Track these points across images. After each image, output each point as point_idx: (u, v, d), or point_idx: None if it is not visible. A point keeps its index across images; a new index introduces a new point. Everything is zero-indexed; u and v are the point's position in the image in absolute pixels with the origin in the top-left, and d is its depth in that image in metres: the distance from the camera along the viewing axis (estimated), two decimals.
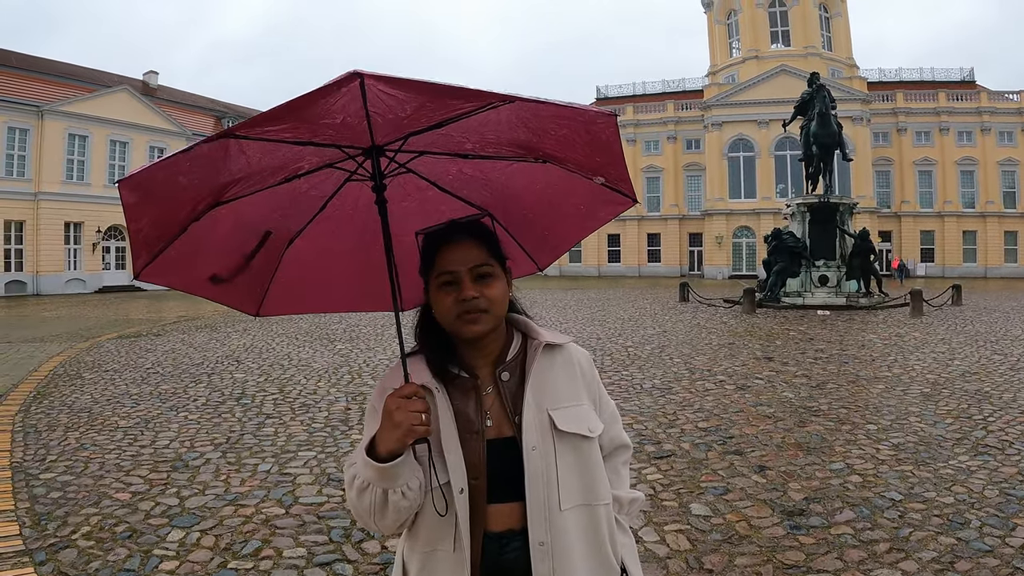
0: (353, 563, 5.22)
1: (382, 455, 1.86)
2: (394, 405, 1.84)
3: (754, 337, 19.20)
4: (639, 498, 2.35)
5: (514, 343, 2.17)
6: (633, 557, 2.23)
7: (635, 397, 11.14)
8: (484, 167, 2.22)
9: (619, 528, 2.20)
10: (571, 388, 2.14)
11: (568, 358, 2.18)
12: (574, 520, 2.02)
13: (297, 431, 9.04)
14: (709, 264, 71.38)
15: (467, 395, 2.06)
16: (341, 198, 2.22)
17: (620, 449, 2.35)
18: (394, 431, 1.83)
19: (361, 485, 1.91)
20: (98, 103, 50.61)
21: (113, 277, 51.57)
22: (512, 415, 2.04)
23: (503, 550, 1.98)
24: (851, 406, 10.44)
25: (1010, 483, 6.88)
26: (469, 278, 2.00)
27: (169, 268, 2.04)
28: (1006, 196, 69.77)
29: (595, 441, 2.13)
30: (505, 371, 2.11)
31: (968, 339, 18.36)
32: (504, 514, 1.99)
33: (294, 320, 23.97)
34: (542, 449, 2.00)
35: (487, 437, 2.02)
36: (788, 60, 69.25)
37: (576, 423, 2.07)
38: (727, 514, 6.18)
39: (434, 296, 2.05)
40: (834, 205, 32.31)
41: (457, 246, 2.02)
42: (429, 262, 2.05)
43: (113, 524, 5.93)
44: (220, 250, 2.14)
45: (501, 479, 1.99)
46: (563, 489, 2.00)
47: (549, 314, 26.63)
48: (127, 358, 15.69)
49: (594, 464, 2.11)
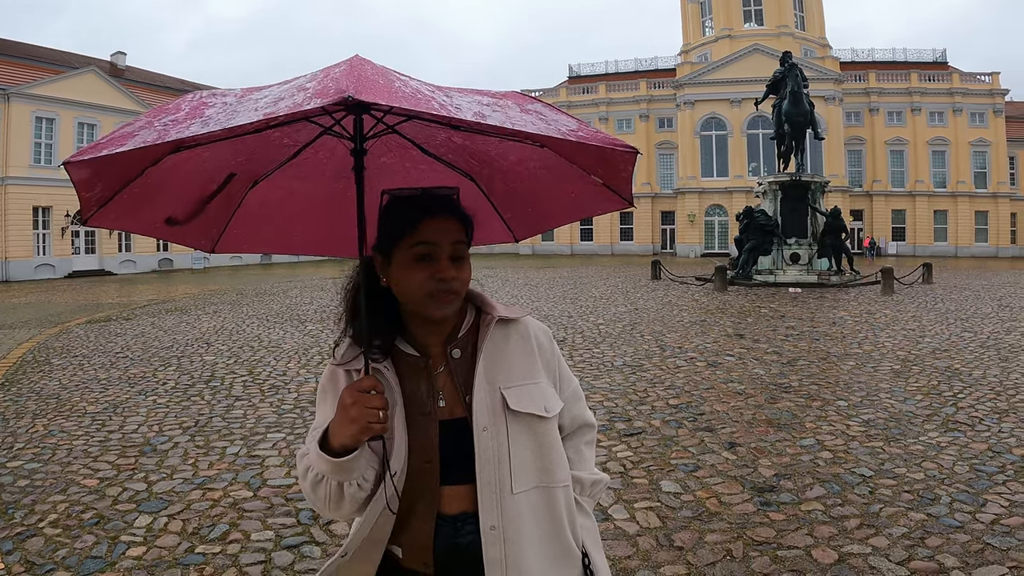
0: (321, 545, 5.20)
1: (336, 449, 1.79)
2: (351, 400, 1.75)
3: (725, 314, 19.28)
4: (602, 480, 2.27)
5: (467, 318, 2.08)
6: (595, 540, 2.16)
7: (606, 374, 11.16)
8: (476, 139, 2.11)
9: (580, 511, 2.13)
10: (527, 365, 2.05)
11: (524, 333, 2.10)
12: (529, 503, 1.94)
13: (266, 413, 9.00)
14: (681, 242, 71.48)
15: (418, 375, 1.99)
16: (315, 147, 2.12)
17: (583, 428, 2.26)
18: (349, 426, 1.74)
19: (315, 478, 1.84)
20: (65, 85, 49.79)
21: (83, 262, 50.89)
22: (463, 394, 1.97)
23: (457, 533, 1.91)
24: (822, 383, 10.50)
25: (980, 459, 6.94)
26: (448, 255, 1.91)
27: (122, 211, 1.96)
28: (977, 176, 70.30)
29: (552, 421, 2.05)
30: (456, 348, 2.02)
31: (938, 317, 18.52)
32: (458, 496, 1.92)
33: (265, 301, 23.88)
34: (493, 430, 1.93)
35: (439, 418, 1.95)
36: (761, 39, 69.23)
37: (531, 402, 1.99)
38: (697, 491, 6.20)
39: (403, 267, 1.91)
40: (806, 184, 32.44)
41: (439, 218, 1.92)
42: (402, 229, 1.91)
43: (80, 511, 5.87)
44: (178, 192, 2.04)
45: (455, 461, 1.92)
46: (516, 471, 1.93)
47: (521, 292, 26.64)
48: (96, 343, 15.55)
49: (550, 444, 2.03)
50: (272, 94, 1.60)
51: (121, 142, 1.56)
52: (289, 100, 1.49)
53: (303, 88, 1.54)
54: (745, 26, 72.47)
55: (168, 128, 1.57)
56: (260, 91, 1.68)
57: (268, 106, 1.51)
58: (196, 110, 1.63)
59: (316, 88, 1.49)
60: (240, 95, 1.69)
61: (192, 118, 1.58)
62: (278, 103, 1.51)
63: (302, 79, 1.64)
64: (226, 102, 1.65)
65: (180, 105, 1.69)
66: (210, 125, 1.52)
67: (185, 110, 1.65)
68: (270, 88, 1.67)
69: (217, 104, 1.65)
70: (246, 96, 1.67)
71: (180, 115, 1.62)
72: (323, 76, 1.58)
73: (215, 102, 1.67)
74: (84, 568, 4.85)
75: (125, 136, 1.58)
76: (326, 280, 36.05)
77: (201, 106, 1.65)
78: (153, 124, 1.61)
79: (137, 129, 1.60)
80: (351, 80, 1.46)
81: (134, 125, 1.63)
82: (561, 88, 79.72)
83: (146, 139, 1.54)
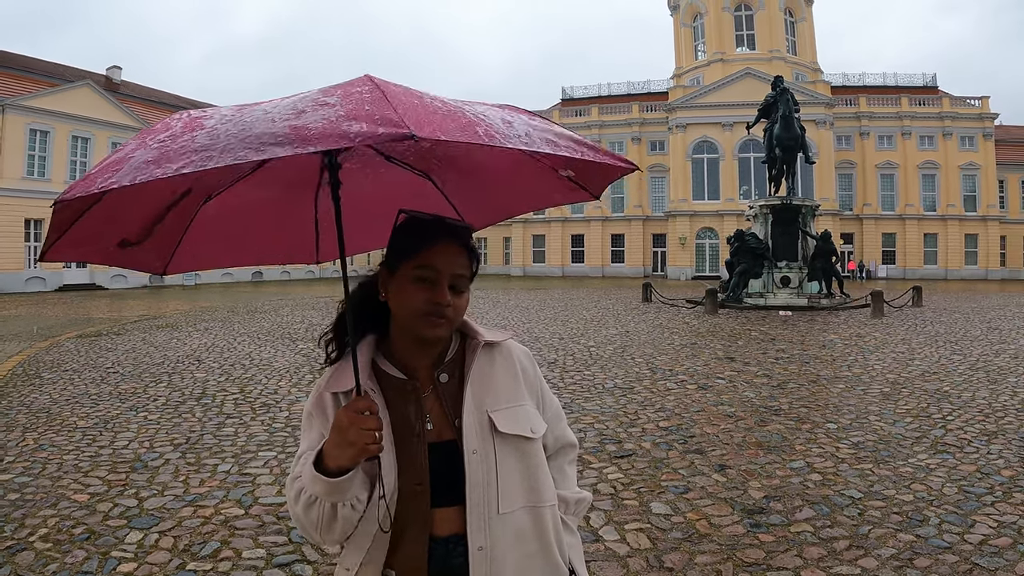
0: (312, 564, 5.18)
1: (331, 470, 1.80)
2: (347, 421, 1.76)
3: (716, 337, 19.29)
4: (586, 498, 2.30)
5: (453, 343, 2.12)
6: (579, 557, 2.19)
7: (597, 396, 11.15)
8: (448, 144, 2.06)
9: (565, 529, 2.16)
10: (512, 388, 2.09)
11: (508, 356, 2.14)
12: (516, 523, 1.97)
13: (258, 431, 8.97)
14: (672, 265, 71.68)
15: (406, 398, 2.01)
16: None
17: (566, 448, 2.30)
18: (347, 449, 1.76)
19: (308, 500, 1.85)
20: (60, 98, 49.76)
21: (74, 275, 50.71)
22: (452, 418, 2.00)
23: (449, 555, 1.93)
24: (811, 405, 10.52)
25: (968, 481, 6.96)
26: (448, 283, 1.94)
27: (80, 241, 1.88)
28: (966, 200, 70.85)
29: (538, 442, 2.09)
30: (444, 372, 2.05)
31: (928, 339, 18.57)
32: (448, 518, 1.94)
33: (256, 319, 23.84)
34: (482, 452, 1.96)
35: (428, 441, 1.97)
36: (753, 63, 69.74)
37: (517, 424, 2.03)
38: (687, 512, 6.20)
39: (403, 284, 1.95)
40: (797, 207, 32.57)
41: (448, 247, 1.96)
42: (410, 250, 1.95)
43: (71, 526, 5.84)
44: (132, 213, 1.97)
45: (444, 483, 1.95)
46: (503, 493, 1.96)
47: (512, 314, 26.62)
48: (87, 357, 15.50)
49: (537, 465, 2.06)
50: (282, 106, 1.52)
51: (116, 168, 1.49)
52: (314, 115, 1.43)
53: (323, 104, 1.47)
54: (737, 50, 73.11)
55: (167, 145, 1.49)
56: (259, 105, 1.61)
57: (290, 117, 1.44)
58: (192, 123, 1.56)
59: (348, 109, 1.43)
60: (237, 108, 1.62)
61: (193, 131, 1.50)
62: (300, 116, 1.44)
63: (310, 93, 1.58)
64: (224, 115, 1.58)
65: (169, 123, 1.64)
66: (219, 138, 1.44)
67: (177, 127, 1.58)
68: (269, 102, 1.61)
69: (216, 116, 1.58)
70: (245, 109, 1.60)
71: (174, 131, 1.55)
72: (342, 94, 1.52)
73: (210, 115, 1.60)
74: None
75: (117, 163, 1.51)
76: (318, 299, 36.05)
77: (196, 120, 1.58)
78: (146, 143, 1.54)
79: (130, 152, 1.53)
80: (392, 109, 1.43)
81: (126, 148, 1.57)
82: (554, 111, 79.98)
83: (146, 159, 1.47)
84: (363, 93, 1.51)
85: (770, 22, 72.04)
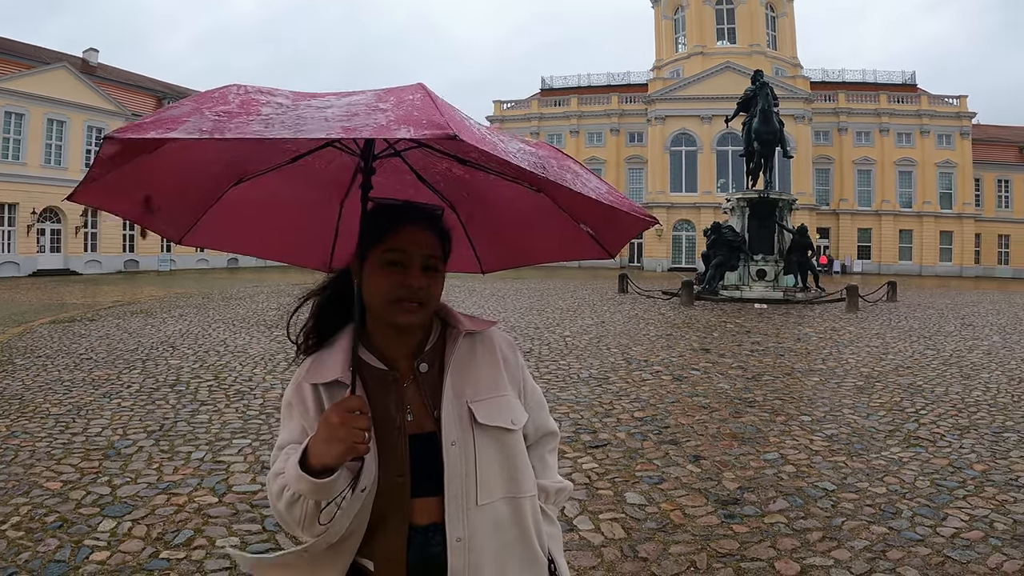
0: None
1: (316, 468, 1.76)
2: (338, 419, 1.72)
3: (691, 329, 19.34)
4: (566, 488, 2.28)
5: (433, 331, 2.08)
6: (558, 547, 2.18)
7: (572, 386, 11.16)
8: (477, 175, 2.09)
9: (545, 518, 2.14)
10: (493, 377, 2.06)
11: (489, 345, 2.11)
12: (495, 514, 1.95)
13: (232, 418, 8.92)
14: (649, 256, 71.69)
15: (386, 389, 1.97)
16: (315, 155, 2.07)
17: (546, 437, 2.28)
18: (335, 446, 1.72)
19: (291, 497, 1.80)
20: (36, 80, 49.01)
21: (48, 260, 50.15)
22: (431, 409, 1.97)
23: (428, 544, 1.90)
24: (786, 398, 10.57)
25: (941, 474, 7.01)
26: (419, 266, 1.92)
27: (106, 191, 1.81)
28: (942, 197, 71.31)
29: (519, 433, 2.07)
30: (423, 362, 2.02)
31: (902, 334, 18.69)
32: (427, 508, 1.91)
33: (231, 306, 23.73)
34: (461, 444, 1.93)
35: (409, 432, 1.94)
36: (733, 57, 69.90)
37: (498, 415, 2.00)
38: (662, 503, 6.22)
39: (373, 271, 1.92)
40: (774, 201, 32.71)
41: (415, 228, 1.94)
42: (377, 235, 1.92)
43: (44, 514, 5.77)
44: (164, 178, 1.92)
45: (424, 474, 1.91)
46: (482, 484, 1.93)
47: (488, 303, 26.56)
48: (60, 343, 15.33)
49: (517, 455, 2.04)
50: (338, 106, 1.53)
51: (171, 126, 1.44)
52: (367, 119, 1.44)
53: (377, 108, 1.49)
54: (718, 44, 73.28)
55: (223, 121, 1.46)
56: (315, 98, 1.60)
57: (343, 119, 1.45)
58: (249, 106, 1.53)
59: (399, 115, 1.45)
60: (294, 98, 1.60)
61: (248, 115, 1.49)
62: (352, 118, 1.45)
63: (365, 96, 1.59)
64: (280, 104, 1.56)
65: (226, 96, 1.58)
66: (273, 127, 1.44)
67: (235, 103, 1.54)
68: (324, 98, 1.60)
69: (272, 104, 1.56)
70: (300, 101, 1.58)
71: (232, 108, 1.52)
72: (395, 100, 1.53)
73: (267, 100, 1.57)
74: (48, 572, 4.78)
75: (173, 120, 1.46)
76: (293, 286, 35.84)
77: (253, 102, 1.55)
78: (203, 112, 1.49)
79: (186, 115, 1.48)
80: (439, 113, 1.44)
81: (180, 109, 1.51)
82: (533, 100, 79.96)
83: (201, 127, 1.44)
84: (414, 101, 1.52)
85: (751, 16, 72.24)
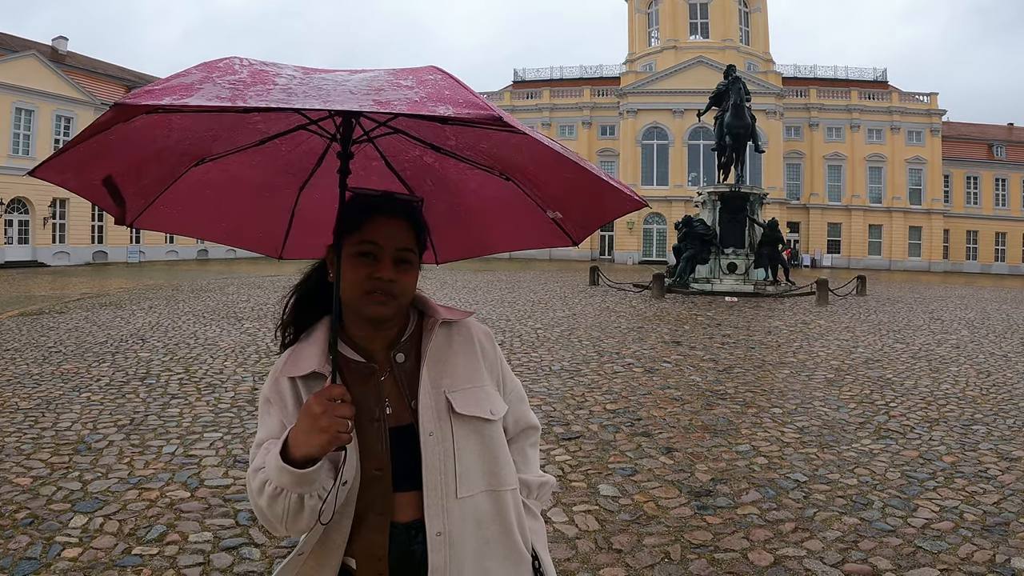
0: (260, 547, 5.09)
1: (298, 460, 1.71)
2: (320, 408, 1.67)
3: (663, 321, 19.39)
4: (549, 481, 2.24)
5: (410, 322, 2.05)
6: (542, 542, 2.14)
7: (544, 379, 11.15)
8: (447, 162, 2.08)
9: (528, 513, 2.10)
10: (471, 368, 2.03)
11: (467, 336, 2.08)
12: (476, 508, 1.91)
13: (203, 412, 8.82)
14: (620, 249, 71.92)
15: (364, 381, 1.93)
16: (284, 138, 2.01)
17: (527, 431, 2.24)
18: (318, 436, 1.67)
19: (274, 492, 1.74)
20: (3, 68, 48.09)
21: (15, 252, 49.40)
22: (408, 399, 1.93)
23: (411, 541, 1.86)
24: (757, 390, 10.61)
25: (911, 466, 7.06)
26: (391, 258, 1.87)
27: (67, 166, 1.74)
28: (912, 193, 72.03)
29: (498, 424, 2.03)
30: (400, 352, 1.98)
31: (871, 328, 18.83)
32: (410, 503, 1.87)
33: (201, 298, 23.55)
34: (439, 434, 1.89)
35: (388, 425, 1.90)
36: (706, 52, 70.13)
37: (476, 406, 1.96)
38: (635, 495, 6.21)
39: (346, 262, 1.87)
40: (745, 195, 32.85)
41: (391, 221, 1.89)
42: (352, 225, 1.87)
43: (13, 510, 5.67)
44: (129, 153, 1.83)
45: (405, 468, 1.87)
46: (461, 476, 1.89)
47: (460, 295, 26.50)
48: (28, 336, 15.10)
49: (497, 448, 2.00)
50: (355, 80, 1.49)
51: (185, 93, 1.37)
52: (396, 93, 1.41)
53: (400, 85, 1.45)
54: (691, 38, 73.51)
55: (240, 90, 1.39)
56: (325, 72, 1.57)
57: (371, 92, 1.40)
58: (260, 76, 1.47)
59: (428, 92, 1.41)
60: (303, 71, 1.56)
61: (264, 83, 1.43)
62: (379, 92, 1.40)
63: (378, 73, 1.56)
64: (292, 75, 1.51)
65: (232, 66, 1.51)
66: (297, 97, 1.38)
67: (244, 73, 1.48)
68: (335, 73, 1.57)
69: (284, 75, 1.50)
70: (312, 74, 1.54)
71: (243, 77, 1.45)
72: (416, 79, 1.50)
73: (277, 72, 1.51)
74: (19, 569, 4.69)
75: (186, 88, 1.39)
76: (263, 278, 35.69)
77: (262, 73, 1.49)
78: (214, 80, 1.42)
79: (198, 82, 1.42)
80: (472, 95, 1.41)
81: (191, 77, 1.44)
82: (505, 92, 79.88)
83: (219, 95, 1.36)
84: (437, 80, 1.49)
85: (724, 11, 72.45)
